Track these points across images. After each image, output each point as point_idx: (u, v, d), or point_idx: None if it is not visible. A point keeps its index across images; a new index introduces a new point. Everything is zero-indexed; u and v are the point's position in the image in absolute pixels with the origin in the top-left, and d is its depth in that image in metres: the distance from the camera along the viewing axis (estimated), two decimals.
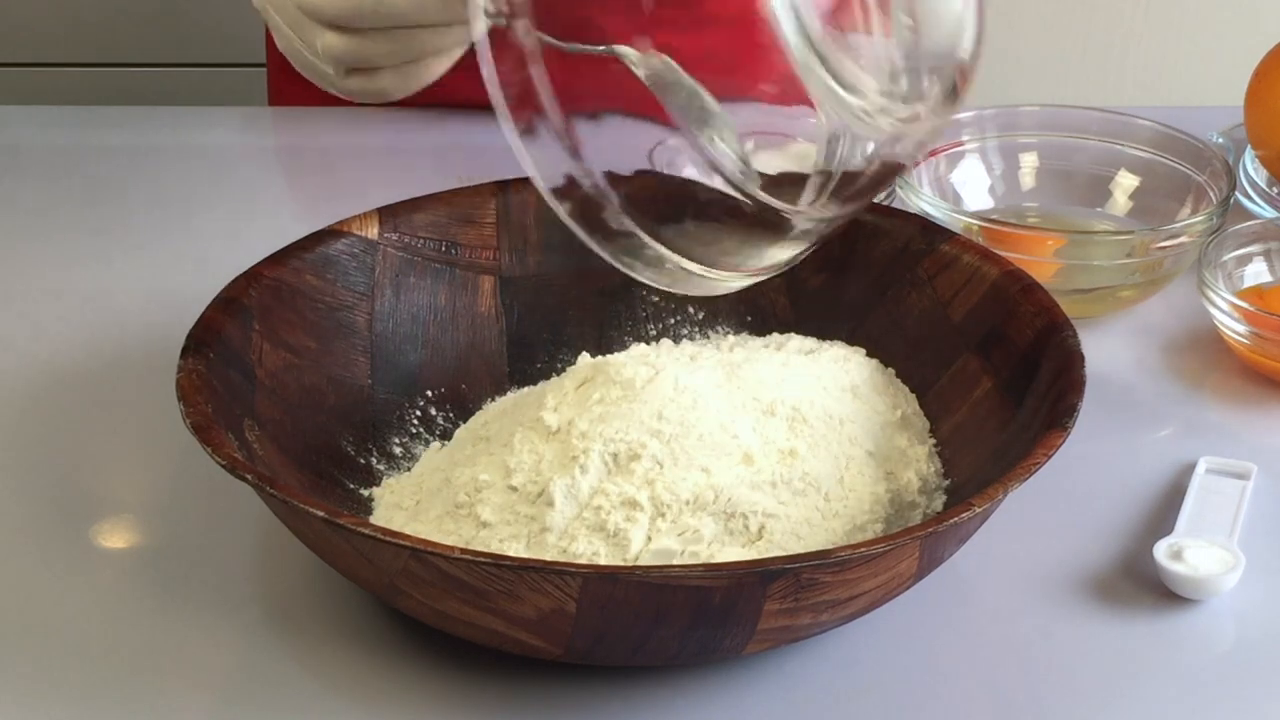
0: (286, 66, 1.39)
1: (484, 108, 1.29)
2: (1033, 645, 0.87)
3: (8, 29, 2.12)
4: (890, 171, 0.89)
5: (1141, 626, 0.88)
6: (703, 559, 0.83)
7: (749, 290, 1.00)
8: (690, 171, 0.87)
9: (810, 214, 0.87)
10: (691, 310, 1.01)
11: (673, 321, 1.01)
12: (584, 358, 0.94)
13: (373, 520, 0.89)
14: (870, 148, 0.88)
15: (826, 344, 0.96)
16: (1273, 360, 1.02)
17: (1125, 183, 1.15)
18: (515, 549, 0.84)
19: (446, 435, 0.96)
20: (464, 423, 0.97)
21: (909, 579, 0.82)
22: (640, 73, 0.86)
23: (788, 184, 0.87)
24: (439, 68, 1.16)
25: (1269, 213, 1.14)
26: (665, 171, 0.87)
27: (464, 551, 0.77)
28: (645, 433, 0.85)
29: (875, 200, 1.05)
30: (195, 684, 0.84)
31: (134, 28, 2.12)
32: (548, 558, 0.82)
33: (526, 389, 0.99)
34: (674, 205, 0.85)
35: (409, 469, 0.94)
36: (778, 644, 0.83)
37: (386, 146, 1.27)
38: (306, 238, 0.97)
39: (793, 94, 0.87)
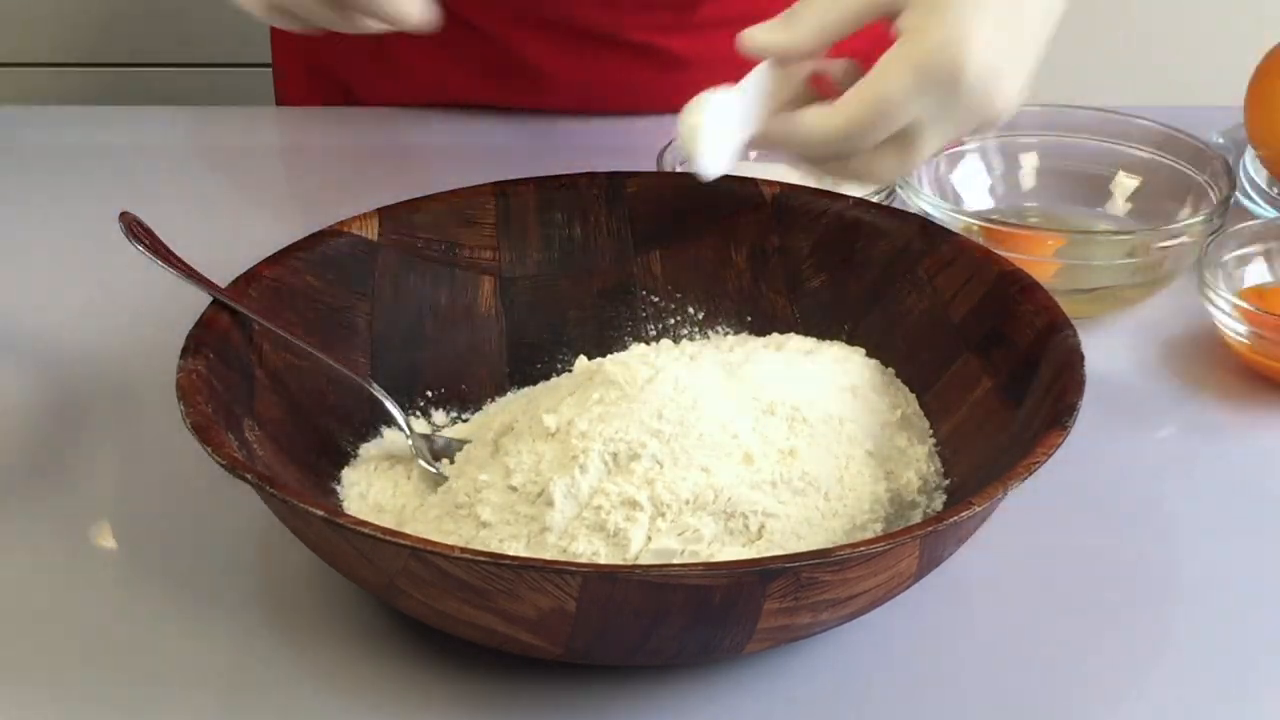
0: (293, 67, 1.38)
1: (484, 108, 1.31)
2: (1033, 645, 0.87)
3: (8, 29, 2.12)
4: None
5: (1141, 626, 0.88)
6: (703, 558, 0.83)
7: (749, 290, 1.00)
8: None
9: None
10: (691, 310, 1.01)
11: (673, 322, 1.01)
12: (581, 360, 0.94)
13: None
14: None
15: (826, 344, 0.96)
16: (1273, 360, 1.02)
17: (1125, 183, 1.15)
18: (515, 549, 0.84)
19: None
20: (464, 422, 0.97)
21: (909, 578, 0.82)
22: None
23: None
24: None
25: (1269, 213, 1.14)
26: None
27: (464, 551, 0.76)
28: (645, 432, 0.85)
29: (875, 201, 1.06)
30: (195, 684, 0.84)
31: (134, 28, 2.12)
32: (548, 557, 0.82)
33: (526, 389, 0.99)
34: None
35: None
36: (778, 643, 0.83)
37: (386, 146, 1.27)
38: (306, 238, 0.96)
39: None
